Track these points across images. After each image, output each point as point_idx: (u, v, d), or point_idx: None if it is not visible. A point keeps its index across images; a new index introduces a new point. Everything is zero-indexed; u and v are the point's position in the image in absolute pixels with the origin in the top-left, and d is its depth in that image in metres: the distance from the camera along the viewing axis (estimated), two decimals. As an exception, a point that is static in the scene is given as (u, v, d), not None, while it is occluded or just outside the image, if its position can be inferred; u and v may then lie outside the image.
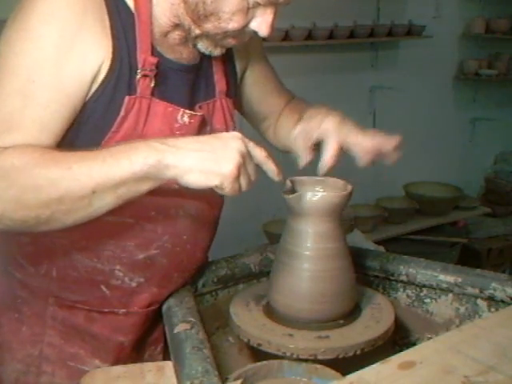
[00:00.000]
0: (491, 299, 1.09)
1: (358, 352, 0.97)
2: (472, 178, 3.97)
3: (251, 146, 0.96)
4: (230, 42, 1.05)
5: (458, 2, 3.66)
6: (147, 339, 1.18)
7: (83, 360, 1.12)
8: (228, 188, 0.91)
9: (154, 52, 1.02)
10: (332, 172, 1.12)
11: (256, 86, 1.30)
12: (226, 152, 0.91)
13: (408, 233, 3.33)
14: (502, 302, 1.07)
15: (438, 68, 3.65)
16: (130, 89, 0.99)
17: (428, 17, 3.52)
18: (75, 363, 1.12)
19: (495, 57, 3.82)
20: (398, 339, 1.16)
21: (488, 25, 3.71)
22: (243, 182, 0.93)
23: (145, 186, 0.91)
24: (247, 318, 1.04)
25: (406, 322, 1.17)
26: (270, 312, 1.06)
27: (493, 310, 1.09)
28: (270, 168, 0.99)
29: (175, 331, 0.96)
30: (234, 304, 1.08)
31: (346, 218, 2.82)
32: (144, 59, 1.00)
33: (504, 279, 1.09)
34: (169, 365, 0.98)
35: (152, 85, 1.01)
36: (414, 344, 1.15)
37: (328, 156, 1.11)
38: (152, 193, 0.95)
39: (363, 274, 1.19)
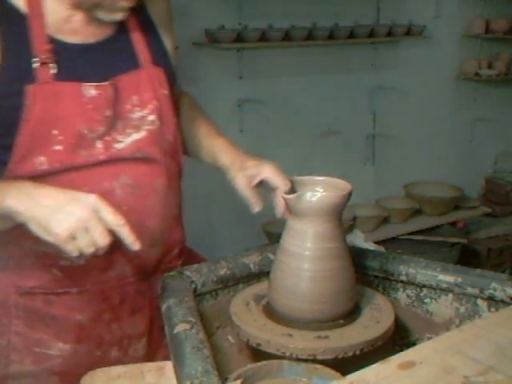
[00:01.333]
0: (491, 299, 1.09)
1: (358, 352, 0.97)
2: (472, 178, 3.97)
3: (105, 212, 0.99)
4: (123, 3, 1.09)
5: (458, 2, 3.66)
6: (127, 330, 1.19)
7: (47, 344, 1.15)
8: (63, 248, 0.97)
9: (52, 41, 1.08)
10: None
11: None
12: (64, 215, 0.96)
13: (408, 233, 3.33)
14: (502, 301, 1.07)
15: (438, 68, 3.64)
16: (30, 79, 1.06)
17: (428, 17, 3.52)
18: (40, 349, 1.15)
19: (495, 57, 3.82)
20: (397, 339, 1.16)
21: (488, 25, 3.71)
22: (82, 244, 0.97)
23: (7, 223, 1.02)
24: (247, 318, 1.04)
25: (406, 322, 1.17)
26: (270, 312, 1.06)
27: (493, 310, 1.09)
28: (124, 236, 1.00)
29: (175, 331, 0.96)
30: (233, 304, 1.08)
31: (345, 218, 2.82)
32: (38, 49, 1.06)
33: (504, 279, 1.09)
34: (169, 365, 0.98)
35: (54, 71, 1.07)
36: (414, 344, 1.14)
37: (279, 204, 1.15)
38: (80, 169, 1.07)
39: (363, 274, 1.19)
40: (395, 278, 1.18)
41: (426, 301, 1.16)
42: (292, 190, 1.03)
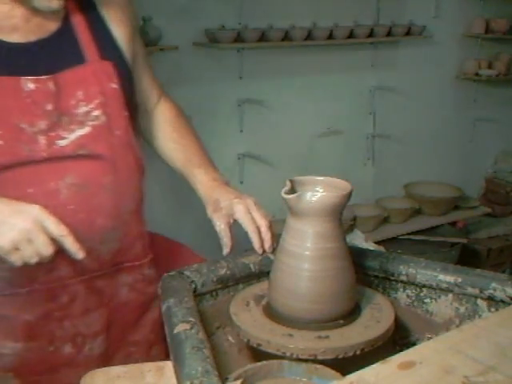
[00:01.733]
0: (491, 299, 1.09)
1: (358, 352, 0.97)
2: (472, 178, 3.97)
3: (48, 223, 1.01)
4: None
5: (458, 1, 3.66)
6: (80, 329, 1.19)
7: None
8: (8, 258, 1.00)
9: None
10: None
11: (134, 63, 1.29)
12: (8, 227, 0.99)
13: (408, 233, 3.33)
14: (502, 302, 1.07)
15: (438, 68, 3.64)
16: None
17: (428, 17, 3.52)
18: None
19: (495, 57, 3.82)
20: (397, 339, 1.16)
21: (488, 25, 3.71)
22: (26, 255, 0.99)
23: None
24: (247, 318, 1.04)
25: (406, 321, 1.17)
26: (270, 312, 1.06)
27: (493, 310, 1.09)
28: (67, 246, 1.03)
29: (175, 331, 0.96)
30: (233, 304, 1.08)
31: (345, 218, 2.82)
32: None
33: (504, 279, 1.09)
34: (169, 365, 0.98)
35: None
36: (414, 344, 1.14)
37: (257, 244, 1.18)
38: (24, 165, 1.07)
39: (363, 274, 1.19)
40: (395, 278, 1.18)
41: (426, 301, 1.16)
42: (292, 190, 1.03)
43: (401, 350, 0.88)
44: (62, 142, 1.11)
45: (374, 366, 0.80)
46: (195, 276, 1.15)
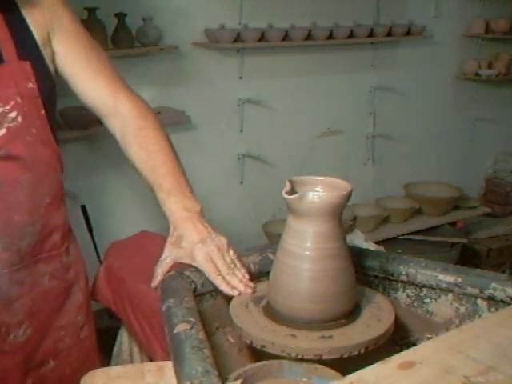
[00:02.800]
0: (491, 299, 1.09)
1: (362, 351, 0.97)
2: (472, 178, 3.97)
3: None
4: None
5: (458, 2, 3.66)
6: (5, 319, 1.20)
7: None
8: None
9: None
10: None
11: (70, 63, 1.26)
12: None
13: (408, 233, 3.33)
14: (502, 301, 1.07)
15: (438, 68, 3.65)
16: None
17: (428, 17, 3.52)
18: None
19: (495, 57, 3.82)
20: (397, 339, 1.16)
21: (488, 25, 3.71)
22: None
23: None
24: (248, 320, 1.04)
25: (406, 322, 1.17)
26: (270, 312, 1.06)
27: (493, 310, 1.09)
28: None
29: (175, 331, 0.96)
30: (233, 306, 1.08)
31: (345, 218, 2.82)
32: None
33: (504, 279, 1.09)
34: (169, 365, 0.98)
35: None
36: (414, 344, 1.14)
37: (225, 289, 1.12)
38: None
39: (363, 274, 1.19)
40: (395, 278, 1.18)
41: (426, 301, 1.16)
42: (292, 191, 1.03)
43: (401, 350, 0.88)
44: None
45: (373, 365, 0.80)
46: (195, 276, 1.15)
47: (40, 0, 1.21)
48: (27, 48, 1.18)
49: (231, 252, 1.17)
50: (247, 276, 1.14)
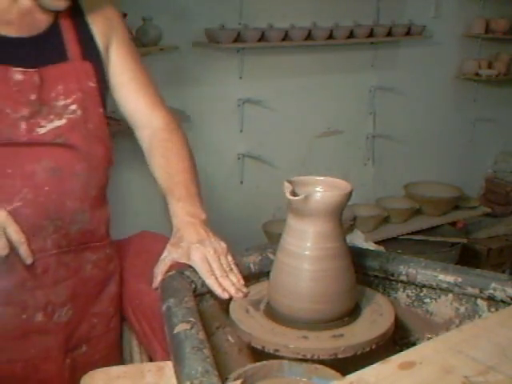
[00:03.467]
0: (491, 299, 1.09)
1: (374, 347, 0.98)
2: (472, 178, 3.97)
3: (10, 229, 1.15)
4: None
5: (458, 2, 3.66)
6: (51, 298, 1.26)
7: None
8: None
9: None
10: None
11: (119, 72, 1.37)
12: None
13: (408, 233, 3.33)
14: (502, 301, 1.07)
15: (438, 68, 3.64)
16: None
17: (428, 17, 3.52)
18: None
19: (495, 57, 3.82)
20: (397, 339, 1.16)
21: (488, 25, 3.70)
22: None
23: None
24: (253, 324, 1.03)
25: (406, 321, 1.17)
26: (272, 314, 1.06)
27: (493, 310, 1.09)
28: (21, 252, 1.18)
29: (175, 331, 0.96)
30: (234, 312, 1.07)
31: (345, 218, 2.82)
32: None
33: (504, 279, 1.09)
34: (169, 365, 0.98)
35: None
36: (414, 344, 1.15)
37: (216, 289, 1.14)
38: (3, 154, 1.18)
39: (363, 274, 1.19)
40: (395, 278, 1.18)
41: (426, 301, 1.16)
42: (293, 191, 1.03)
43: (401, 350, 0.88)
44: (41, 130, 1.22)
45: (374, 365, 0.80)
46: (195, 276, 1.15)
47: (102, 10, 1.34)
48: (90, 51, 1.30)
49: (229, 257, 1.20)
50: (242, 282, 1.16)
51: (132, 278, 1.39)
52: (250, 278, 1.21)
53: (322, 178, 1.08)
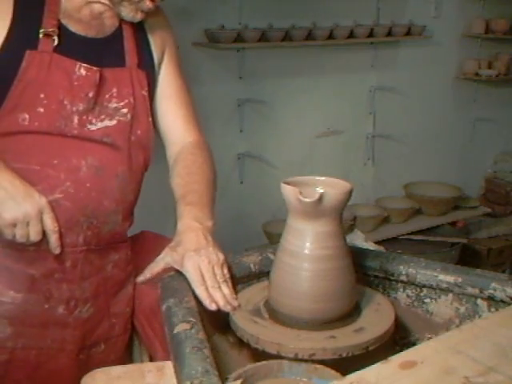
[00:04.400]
0: (491, 299, 1.09)
1: (374, 347, 0.99)
2: (472, 178, 3.97)
3: (47, 216, 1.21)
4: (148, 4, 1.28)
5: (458, 1, 3.66)
6: (75, 293, 1.30)
7: (0, 292, 1.27)
8: (2, 229, 1.18)
9: (58, 24, 1.26)
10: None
11: (164, 87, 1.43)
12: (16, 205, 1.17)
13: (408, 233, 3.33)
14: (502, 301, 1.07)
15: (438, 68, 3.64)
16: (32, 46, 1.23)
17: (428, 17, 3.52)
18: None
19: (495, 57, 3.82)
20: (398, 339, 1.16)
21: (488, 25, 3.70)
22: (18, 233, 1.18)
23: None
24: (253, 324, 1.03)
25: (406, 321, 1.17)
26: (271, 313, 1.06)
27: (493, 310, 1.09)
28: (52, 240, 1.23)
29: (175, 331, 0.96)
30: (242, 324, 1.05)
31: (345, 218, 2.82)
32: (46, 22, 1.24)
33: (504, 279, 1.09)
34: (169, 365, 0.98)
35: (55, 44, 1.24)
36: (414, 344, 1.15)
37: (204, 300, 1.10)
38: (54, 136, 1.23)
39: (363, 274, 1.19)
40: (395, 278, 1.18)
41: (426, 301, 1.16)
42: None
43: (401, 350, 0.88)
44: (92, 127, 1.28)
45: (374, 366, 0.80)
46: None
47: (160, 27, 1.41)
48: (146, 61, 1.37)
49: (225, 270, 1.15)
50: (234, 295, 1.11)
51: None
52: (250, 278, 1.21)
53: (322, 178, 1.08)
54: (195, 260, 1.13)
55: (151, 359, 1.33)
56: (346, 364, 0.94)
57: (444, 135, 3.78)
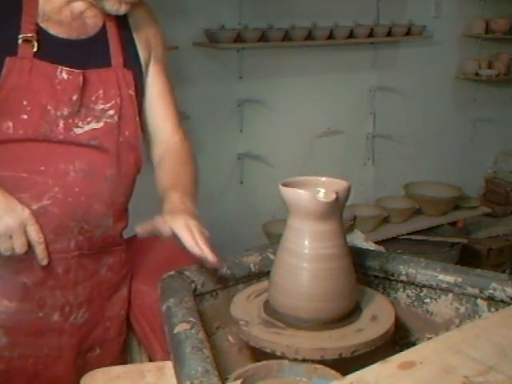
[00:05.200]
0: (491, 299, 1.09)
1: (374, 347, 0.99)
2: (472, 178, 3.97)
3: (31, 228, 1.20)
4: None
5: (458, 1, 3.66)
6: (69, 298, 1.29)
7: None
8: None
9: (37, 28, 1.24)
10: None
11: (151, 88, 1.40)
12: None
13: (408, 233, 3.33)
14: (502, 301, 1.07)
15: (438, 68, 3.64)
16: (12, 52, 1.21)
17: (428, 17, 3.52)
18: None
19: (495, 57, 3.82)
20: (398, 339, 1.16)
21: (488, 25, 3.71)
22: (1, 247, 1.18)
23: None
24: (275, 338, 1.02)
25: (406, 321, 1.17)
26: (271, 313, 1.06)
27: (493, 310, 1.09)
28: (38, 252, 1.22)
29: (175, 331, 0.96)
30: (269, 338, 1.03)
31: (345, 218, 2.82)
32: (25, 27, 1.22)
33: (504, 279, 1.09)
34: (169, 365, 0.98)
35: (34, 49, 1.22)
36: (414, 344, 1.14)
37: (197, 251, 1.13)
38: (40, 142, 1.22)
39: (363, 274, 1.19)
40: (395, 278, 1.18)
41: (426, 301, 1.16)
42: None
43: (401, 350, 0.88)
44: (78, 130, 1.26)
45: (374, 366, 0.80)
46: (195, 276, 1.15)
47: (146, 25, 1.40)
48: (132, 61, 1.35)
49: (206, 233, 1.18)
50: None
51: (132, 279, 1.39)
52: (250, 278, 1.21)
53: (322, 178, 1.08)
54: (185, 222, 1.17)
55: (150, 360, 1.33)
56: (345, 364, 0.94)
57: (444, 135, 3.78)
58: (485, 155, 4.06)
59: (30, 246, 1.21)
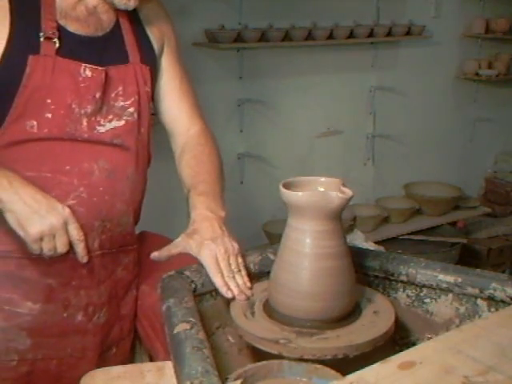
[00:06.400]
0: (491, 299, 1.09)
1: (374, 347, 0.99)
2: (472, 178, 3.97)
3: (72, 226, 1.18)
4: None
5: (458, 1, 3.66)
6: (93, 298, 1.29)
7: (17, 303, 1.24)
8: (29, 244, 1.15)
9: (57, 25, 1.23)
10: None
11: (166, 80, 1.41)
12: (41, 220, 1.14)
13: (408, 233, 3.33)
14: (502, 302, 1.07)
15: (438, 68, 3.64)
16: (34, 50, 1.20)
17: (428, 17, 3.52)
18: (10, 307, 1.24)
19: (495, 57, 3.82)
20: (398, 339, 1.16)
21: (488, 25, 3.71)
22: (45, 247, 1.16)
23: None
24: (253, 324, 1.03)
25: (406, 322, 1.17)
26: (271, 313, 1.06)
27: (493, 310, 1.09)
28: (79, 250, 1.21)
29: (175, 331, 0.96)
30: (234, 311, 1.07)
31: (345, 218, 2.82)
32: (46, 25, 1.22)
33: (504, 279, 1.09)
34: (169, 365, 0.98)
35: (56, 46, 1.22)
36: (414, 344, 1.14)
37: (221, 287, 1.13)
38: (64, 141, 1.21)
39: (363, 274, 1.19)
40: (395, 278, 1.18)
41: (426, 301, 1.16)
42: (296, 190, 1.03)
43: (401, 350, 0.88)
44: (101, 129, 1.26)
45: (373, 366, 0.80)
46: (195, 276, 1.15)
47: (158, 20, 1.39)
48: (148, 57, 1.35)
49: (239, 259, 1.19)
50: (248, 284, 1.15)
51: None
52: (250, 277, 1.21)
53: (322, 178, 1.08)
54: (212, 249, 1.17)
55: (151, 360, 1.33)
56: (345, 364, 0.94)
57: (444, 135, 3.78)
58: (485, 155, 4.06)
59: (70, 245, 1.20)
